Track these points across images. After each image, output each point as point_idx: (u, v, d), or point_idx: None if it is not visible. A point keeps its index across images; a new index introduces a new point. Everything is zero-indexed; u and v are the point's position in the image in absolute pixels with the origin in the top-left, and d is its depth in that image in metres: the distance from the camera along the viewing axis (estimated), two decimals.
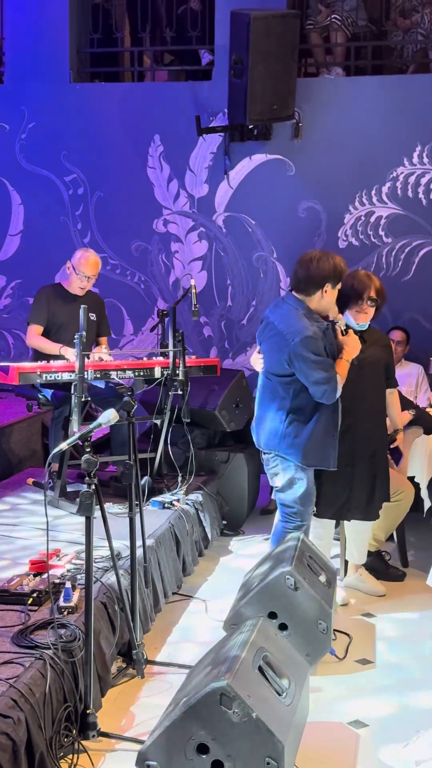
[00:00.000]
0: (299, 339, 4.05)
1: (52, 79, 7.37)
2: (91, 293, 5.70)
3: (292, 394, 4.16)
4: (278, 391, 4.21)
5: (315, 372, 4.06)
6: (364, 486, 4.52)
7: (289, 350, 4.07)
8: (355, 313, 4.51)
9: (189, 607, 4.55)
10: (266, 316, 4.32)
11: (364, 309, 4.49)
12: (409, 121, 6.88)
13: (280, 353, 4.12)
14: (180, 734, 2.72)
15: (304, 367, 4.07)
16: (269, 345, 4.22)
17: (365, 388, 4.51)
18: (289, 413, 4.17)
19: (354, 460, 4.50)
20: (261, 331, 4.33)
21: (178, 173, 7.27)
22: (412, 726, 3.41)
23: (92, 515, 3.18)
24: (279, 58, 6.57)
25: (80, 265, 5.41)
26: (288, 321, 4.13)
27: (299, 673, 3.13)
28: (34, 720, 2.89)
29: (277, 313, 4.23)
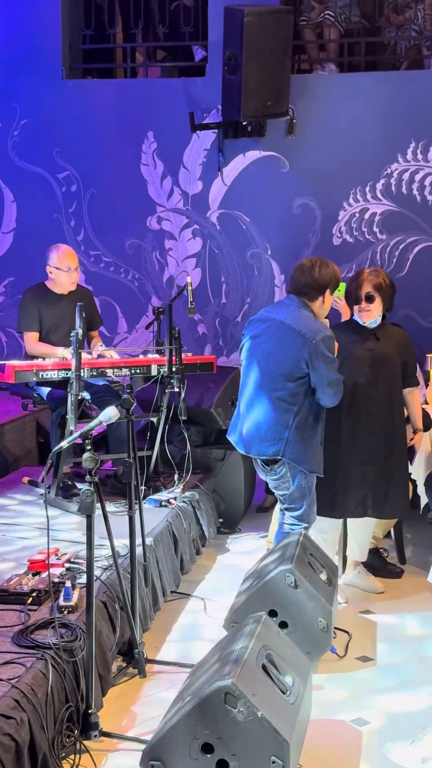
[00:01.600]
0: (321, 337, 4.03)
1: (44, 75, 7.33)
2: (78, 287, 5.64)
3: (301, 399, 4.09)
4: (284, 395, 4.09)
5: (332, 373, 4.06)
6: (380, 485, 4.51)
7: (309, 349, 4.01)
8: (358, 312, 4.53)
9: (188, 606, 4.53)
10: (267, 317, 4.22)
11: (364, 307, 4.49)
12: (403, 118, 6.88)
13: (299, 352, 4.03)
14: (184, 733, 2.71)
15: (323, 367, 4.03)
16: (283, 346, 4.09)
17: (377, 386, 4.50)
18: (296, 418, 4.08)
19: (369, 458, 4.49)
20: (264, 332, 4.19)
21: (171, 170, 7.25)
22: (415, 723, 3.40)
23: (93, 514, 3.16)
24: (273, 55, 6.55)
25: (60, 261, 5.34)
26: (305, 321, 4.10)
27: (302, 671, 3.12)
28: (37, 720, 2.87)
29: (286, 313, 4.15)
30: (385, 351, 4.53)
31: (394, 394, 4.57)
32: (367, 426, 4.49)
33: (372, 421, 4.49)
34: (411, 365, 4.67)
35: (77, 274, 5.45)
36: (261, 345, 4.20)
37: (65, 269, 5.34)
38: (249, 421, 4.21)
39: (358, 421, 4.48)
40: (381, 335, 4.57)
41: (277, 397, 4.11)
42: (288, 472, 4.13)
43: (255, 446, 4.19)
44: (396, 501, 4.57)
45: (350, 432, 4.48)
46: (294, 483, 4.14)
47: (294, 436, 4.08)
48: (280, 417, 4.09)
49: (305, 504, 4.19)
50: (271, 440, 4.11)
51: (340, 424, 4.45)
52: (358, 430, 4.49)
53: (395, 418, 4.57)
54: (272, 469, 4.18)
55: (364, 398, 4.48)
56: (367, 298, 4.48)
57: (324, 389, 4.07)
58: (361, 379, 4.47)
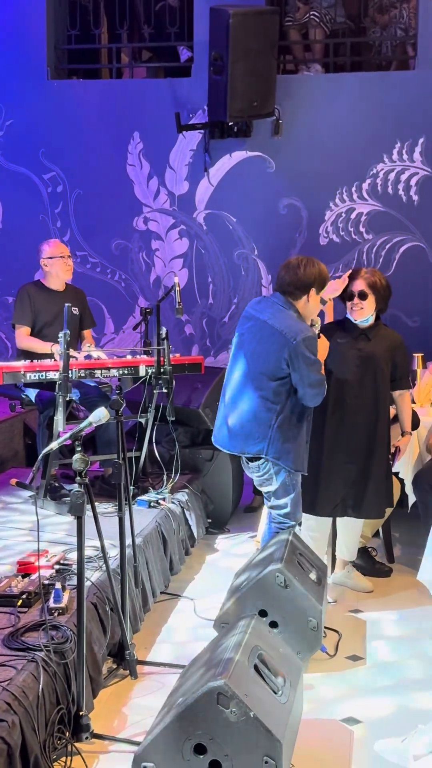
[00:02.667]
0: (301, 338, 4.01)
1: (29, 75, 7.31)
2: (71, 287, 5.67)
3: (283, 398, 4.08)
4: (267, 394, 4.09)
5: (312, 374, 4.04)
6: (362, 484, 4.52)
7: (290, 349, 4.00)
8: (350, 310, 4.54)
9: (177, 606, 4.53)
10: (252, 315, 4.22)
11: (356, 303, 4.50)
12: (388, 118, 6.90)
13: (279, 353, 4.03)
14: (177, 735, 2.71)
15: (303, 368, 4.02)
16: (264, 345, 4.09)
17: (364, 386, 4.51)
18: (278, 417, 4.08)
19: (351, 458, 4.50)
20: (248, 330, 4.20)
21: (158, 170, 7.24)
22: (406, 722, 3.41)
23: (83, 515, 3.15)
24: (258, 55, 6.56)
25: (53, 251, 5.41)
26: (287, 321, 4.09)
27: (294, 671, 3.12)
28: (28, 723, 2.86)
29: (270, 313, 4.15)
30: (374, 351, 4.54)
31: (381, 396, 4.57)
32: (352, 426, 4.49)
33: (357, 420, 4.50)
34: (402, 367, 4.66)
35: (71, 262, 5.51)
36: (245, 344, 4.21)
37: (59, 256, 5.39)
38: (232, 419, 4.21)
39: (342, 421, 4.49)
40: (372, 336, 4.58)
41: (261, 396, 4.10)
42: (271, 468, 4.14)
43: (239, 444, 4.19)
44: (374, 501, 4.57)
45: (334, 431, 4.49)
46: (278, 480, 4.15)
47: (277, 435, 4.08)
48: (264, 416, 4.09)
49: (289, 501, 4.19)
50: (255, 438, 4.11)
51: (325, 422, 4.46)
52: (342, 429, 4.50)
53: (380, 419, 4.57)
54: (256, 466, 4.19)
55: (350, 397, 4.49)
56: (359, 295, 4.49)
57: (305, 389, 4.06)
58: (348, 378, 4.48)
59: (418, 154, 6.86)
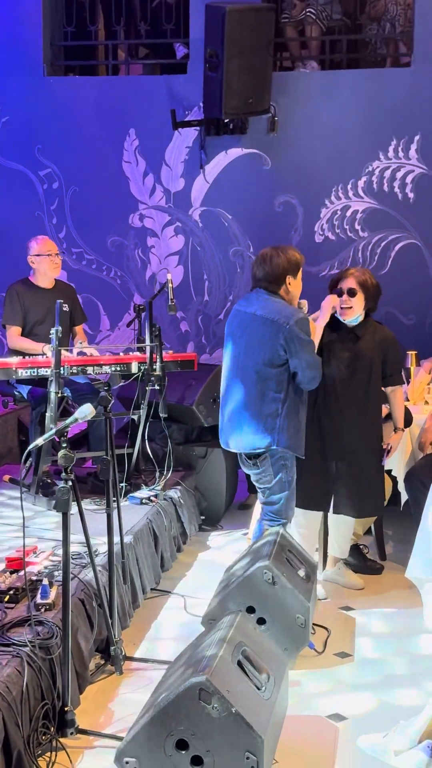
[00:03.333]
0: (294, 321, 4.04)
1: (25, 72, 7.31)
2: (60, 283, 5.67)
3: (285, 386, 4.10)
4: (270, 384, 4.10)
5: (309, 354, 4.07)
6: (353, 483, 4.52)
7: (284, 334, 4.02)
8: (339, 309, 4.53)
9: (167, 603, 4.53)
10: (239, 311, 4.23)
11: (345, 302, 4.49)
12: (384, 115, 6.89)
13: (274, 340, 4.04)
14: (159, 730, 2.71)
15: (299, 350, 4.04)
16: (258, 336, 4.10)
17: (352, 384, 4.50)
18: (284, 405, 4.09)
19: (337, 456, 4.50)
20: (237, 326, 4.21)
21: (153, 167, 7.24)
22: (391, 718, 3.41)
23: (69, 511, 3.15)
24: (254, 52, 6.55)
25: (41, 248, 5.42)
26: (276, 307, 4.11)
27: (278, 667, 3.12)
28: (12, 718, 2.86)
29: (257, 305, 4.16)
30: (363, 350, 4.53)
31: (370, 394, 4.56)
32: (340, 423, 4.49)
33: (345, 418, 4.49)
34: (394, 364, 4.64)
35: (59, 259, 5.50)
36: (237, 340, 4.21)
37: (47, 254, 5.39)
38: (237, 418, 4.19)
39: (330, 418, 4.48)
40: (361, 334, 4.57)
41: (263, 388, 4.11)
42: (271, 466, 4.14)
43: (249, 442, 4.16)
44: (368, 499, 4.57)
45: (322, 428, 4.48)
46: (275, 477, 4.16)
47: (284, 424, 4.09)
48: (269, 407, 4.10)
49: (283, 499, 4.19)
50: (263, 432, 4.11)
51: (313, 418, 4.45)
52: (330, 426, 4.49)
53: (369, 417, 4.56)
54: (255, 463, 4.18)
55: (339, 396, 4.48)
56: (348, 292, 4.48)
57: (303, 372, 4.08)
58: (337, 376, 4.47)
59: (413, 152, 6.86)
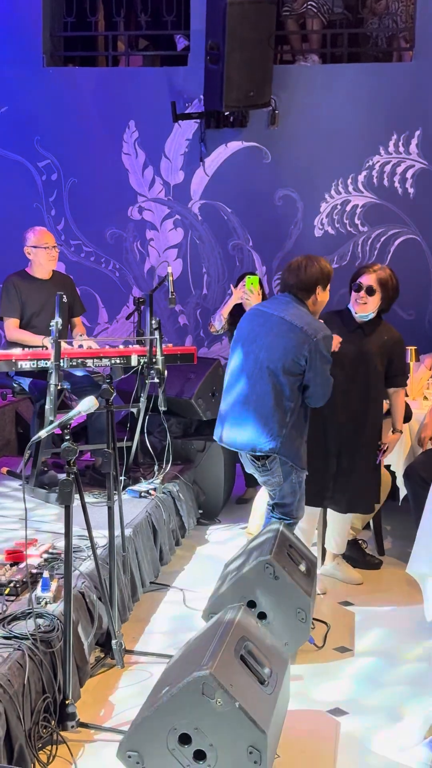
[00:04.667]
0: (322, 336, 4.04)
1: (25, 62, 7.26)
2: (58, 274, 5.63)
3: (297, 395, 4.08)
4: (283, 389, 4.05)
5: (326, 372, 4.09)
6: (348, 479, 4.51)
7: (310, 345, 4.00)
8: (354, 302, 4.52)
9: (166, 597, 4.53)
10: (264, 312, 4.19)
11: (361, 298, 4.48)
12: (385, 110, 6.87)
13: (299, 349, 4.00)
14: (162, 724, 2.70)
15: (319, 366, 4.04)
16: (282, 340, 4.04)
17: (356, 381, 4.49)
18: (293, 415, 4.06)
19: (335, 451, 4.50)
20: (261, 325, 4.14)
21: (153, 160, 7.21)
22: (392, 713, 3.42)
23: (72, 504, 3.14)
24: (255, 45, 6.53)
25: (39, 239, 5.38)
26: (305, 318, 4.09)
27: (280, 662, 3.12)
28: (13, 711, 2.85)
29: (284, 310, 4.12)
30: (369, 347, 4.51)
31: (372, 392, 4.54)
32: (340, 419, 4.48)
33: (345, 415, 4.48)
34: (398, 365, 4.63)
35: (56, 252, 5.45)
36: (258, 339, 4.13)
37: (44, 246, 5.34)
38: (241, 416, 4.14)
39: (331, 413, 4.46)
40: (369, 331, 4.55)
41: (276, 392, 4.05)
42: (280, 468, 4.10)
43: (250, 441, 4.11)
44: (360, 496, 4.57)
45: (322, 423, 4.47)
46: (285, 480, 4.13)
47: (290, 433, 4.06)
48: (279, 413, 4.04)
49: (295, 500, 4.18)
50: (268, 436, 4.05)
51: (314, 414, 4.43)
52: (330, 421, 4.47)
53: (368, 414, 4.54)
54: (263, 464, 4.13)
55: (340, 391, 4.46)
56: (367, 290, 4.47)
57: (316, 388, 4.07)
58: (339, 371, 4.45)
59: (414, 147, 6.84)
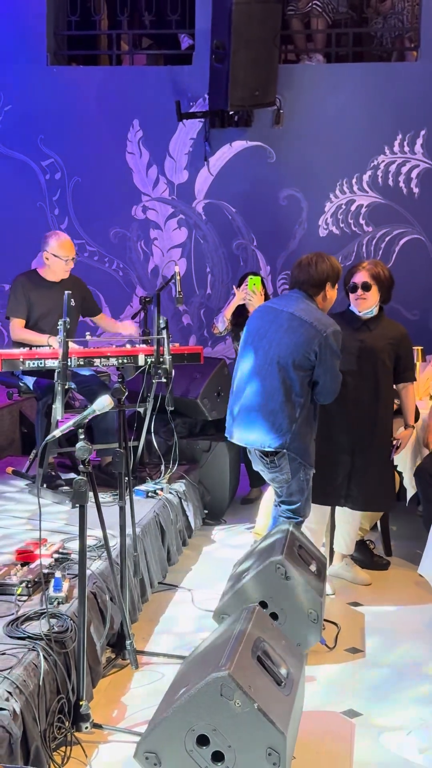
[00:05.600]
0: (332, 331, 4.05)
1: (29, 61, 7.24)
2: (70, 276, 5.57)
3: (306, 391, 4.08)
4: (293, 385, 4.05)
5: (335, 368, 4.09)
6: (361, 477, 4.50)
7: (320, 340, 4.00)
8: (354, 301, 4.54)
9: (175, 597, 4.51)
10: (274, 308, 4.19)
11: (360, 294, 4.49)
12: (390, 109, 6.87)
13: (309, 344, 4.00)
14: (180, 725, 2.69)
15: (330, 361, 4.05)
16: (293, 336, 4.04)
17: (364, 378, 4.48)
18: (302, 411, 4.06)
19: (348, 449, 4.49)
20: (271, 322, 4.14)
21: (157, 159, 7.19)
22: (406, 714, 3.40)
23: (86, 503, 3.12)
24: (260, 44, 6.51)
25: (60, 249, 5.27)
26: (315, 313, 4.10)
27: (296, 662, 3.10)
28: (29, 712, 2.83)
29: (294, 305, 4.13)
30: (375, 343, 4.51)
31: (381, 388, 4.54)
32: (350, 416, 4.47)
33: (355, 412, 4.48)
34: (406, 360, 4.62)
35: (72, 264, 5.39)
36: (268, 335, 4.13)
37: (63, 258, 5.27)
38: (250, 412, 4.13)
39: (341, 411, 4.45)
40: (374, 327, 4.56)
41: (287, 387, 4.05)
42: (288, 464, 4.09)
43: (259, 438, 4.10)
44: (376, 494, 4.56)
45: (333, 421, 4.46)
46: (293, 477, 4.12)
47: (299, 430, 4.05)
48: (289, 409, 4.04)
49: (302, 498, 4.17)
50: (277, 432, 4.05)
51: (324, 413, 4.43)
52: (341, 419, 4.47)
53: (379, 411, 4.54)
54: (271, 461, 4.12)
55: (350, 388, 4.46)
56: (363, 286, 4.48)
57: (326, 383, 4.08)
58: (348, 369, 4.45)
59: (419, 146, 6.84)
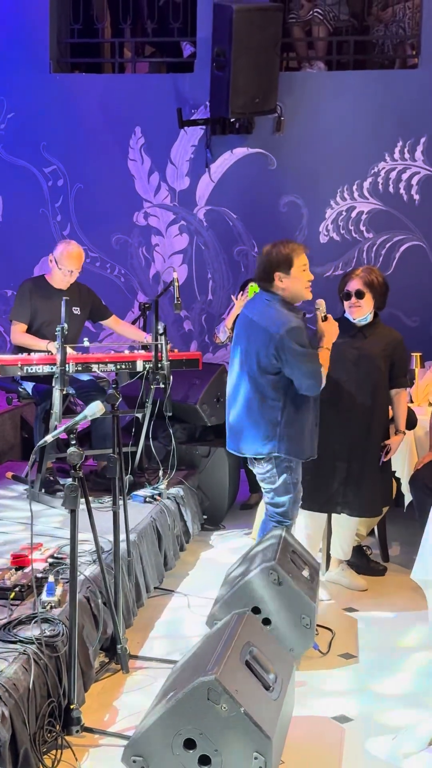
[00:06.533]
0: (284, 330, 3.94)
1: (32, 69, 7.31)
2: (77, 284, 5.59)
3: (282, 393, 4.04)
4: (266, 392, 4.05)
5: (302, 364, 3.97)
6: (357, 483, 4.52)
7: (275, 343, 3.95)
8: (348, 309, 4.54)
9: (171, 602, 4.52)
10: (244, 314, 4.20)
11: (354, 302, 4.50)
12: (390, 117, 6.89)
13: (267, 348, 3.98)
14: (167, 729, 2.70)
15: (291, 360, 3.95)
16: (254, 343, 4.05)
17: (360, 384, 4.49)
18: (284, 413, 4.05)
19: (343, 456, 4.50)
20: (242, 330, 4.17)
21: (159, 166, 7.24)
22: (397, 720, 3.41)
23: (77, 508, 3.14)
24: (261, 52, 6.55)
25: (63, 258, 5.29)
26: (267, 314, 4.04)
27: (285, 667, 3.12)
28: (18, 716, 2.85)
29: (256, 309, 4.12)
30: (371, 350, 4.53)
31: (378, 394, 4.55)
32: (346, 423, 4.48)
33: (351, 418, 4.49)
34: (401, 366, 4.63)
35: (73, 278, 5.37)
36: (239, 343, 4.17)
37: (63, 268, 5.27)
38: (238, 422, 4.17)
39: (337, 417, 4.46)
40: (369, 333, 4.57)
41: (261, 395, 4.06)
42: (274, 468, 4.12)
43: (251, 446, 4.13)
44: (370, 500, 4.57)
45: (328, 427, 4.47)
46: (280, 479, 4.14)
47: (285, 432, 4.05)
48: (269, 415, 4.05)
49: (288, 500, 4.18)
50: (264, 438, 4.07)
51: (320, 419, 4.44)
52: (336, 425, 4.48)
53: (375, 417, 4.54)
54: (259, 464, 4.16)
55: (346, 395, 4.48)
56: (357, 294, 4.49)
57: (300, 381, 3.99)
58: (344, 376, 4.46)
59: (419, 153, 6.86)
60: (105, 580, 3.62)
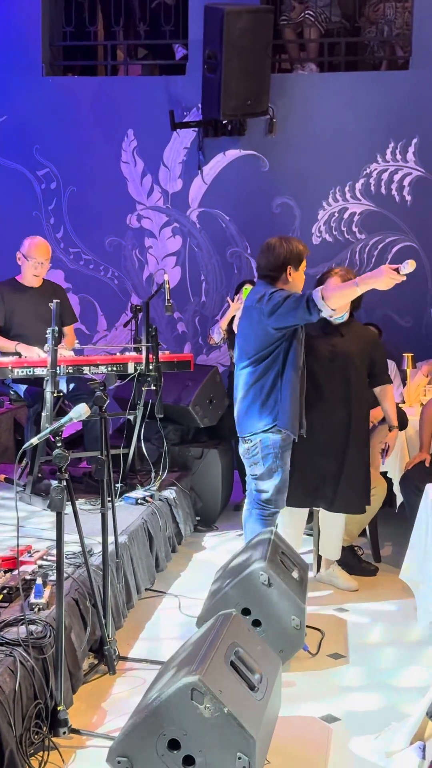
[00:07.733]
0: (268, 294, 4.03)
1: (24, 72, 7.31)
2: (48, 283, 5.56)
3: (263, 371, 4.14)
4: (246, 377, 4.19)
5: (286, 302, 3.97)
6: (337, 480, 4.52)
7: (263, 307, 4.02)
8: None
9: (162, 603, 4.53)
10: (245, 305, 4.30)
11: None
12: (382, 118, 6.90)
13: (261, 322, 4.05)
14: (151, 730, 2.71)
15: (279, 308, 3.97)
16: (247, 327, 4.16)
17: (335, 382, 4.51)
18: (279, 390, 4.13)
19: (321, 451, 4.51)
20: (241, 319, 4.31)
21: (151, 168, 7.24)
22: (384, 720, 3.41)
23: (63, 510, 3.15)
24: (253, 54, 6.56)
25: (32, 250, 5.30)
26: (260, 292, 4.13)
27: (271, 667, 3.12)
28: (4, 717, 2.86)
29: (250, 299, 4.22)
30: (347, 348, 4.55)
31: (354, 391, 4.56)
32: (323, 420, 4.48)
33: (327, 415, 4.50)
34: (380, 363, 4.68)
35: (43, 270, 5.37)
36: (238, 339, 4.30)
37: (31, 260, 5.29)
38: (241, 403, 4.28)
39: (313, 414, 4.46)
40: (345, 332, 4.59)
41: (244, 380, 4.20)
42: (260, 451, 4.18)
43: (251, 423, 4.23)
44: (350, 496, 4.58)
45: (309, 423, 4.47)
46: (264, 464, 4.22)
47: (281, 407, 4.13)
48: (250, 394, 4.18)
49: (272, 487, 4.23)
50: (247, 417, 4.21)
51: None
52: (313, 423, 4.48)
53: (353, 414, 4.55)
54: (247, 448, 4.26)
55: (324, 392, 4.48)
56: None
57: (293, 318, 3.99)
58: (320, 372, 4.46)
59: (411, 155, 6.87)
60: (92, 581, 3.63)
